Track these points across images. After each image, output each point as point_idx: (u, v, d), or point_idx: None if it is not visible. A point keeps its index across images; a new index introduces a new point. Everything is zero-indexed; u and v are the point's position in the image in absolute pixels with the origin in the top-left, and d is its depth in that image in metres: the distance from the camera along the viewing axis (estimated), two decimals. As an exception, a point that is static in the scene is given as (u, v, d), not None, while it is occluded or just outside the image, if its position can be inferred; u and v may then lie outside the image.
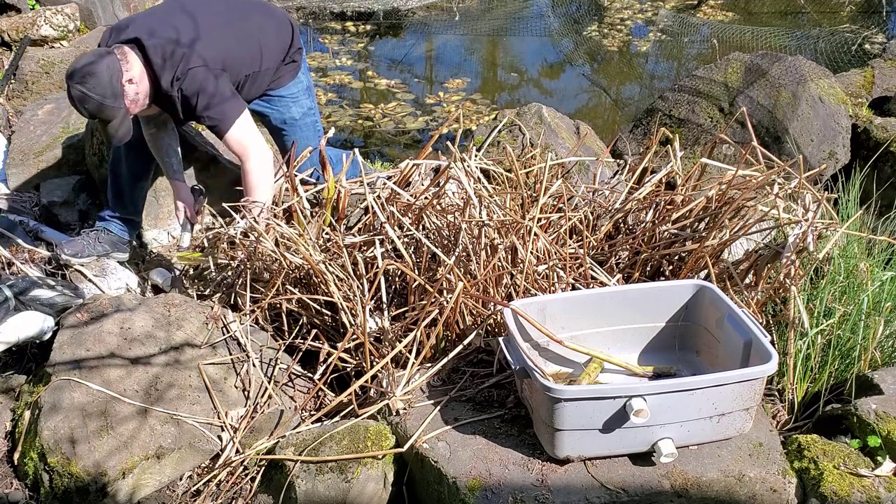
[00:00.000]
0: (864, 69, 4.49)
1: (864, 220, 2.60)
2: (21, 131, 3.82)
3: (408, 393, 2.06)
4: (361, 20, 7.07)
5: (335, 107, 5.40)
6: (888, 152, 3.50)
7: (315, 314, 2.43)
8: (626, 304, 2.07)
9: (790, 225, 2.27)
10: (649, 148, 2.81)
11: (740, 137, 3.47)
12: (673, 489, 1.74)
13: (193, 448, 2.09)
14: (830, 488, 1.74)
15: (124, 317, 2.33)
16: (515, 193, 2.61)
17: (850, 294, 2.16)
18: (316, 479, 1.91)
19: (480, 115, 5.19)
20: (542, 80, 6.40)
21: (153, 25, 2.53)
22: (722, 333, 1.94)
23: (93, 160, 3.37)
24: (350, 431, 2.01)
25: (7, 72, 4.60)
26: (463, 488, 1.77)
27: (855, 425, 1.91)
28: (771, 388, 2.07)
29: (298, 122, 2.91)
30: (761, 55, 3.94)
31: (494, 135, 3.27)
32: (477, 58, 6.77)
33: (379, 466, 1.94)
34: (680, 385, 1.74)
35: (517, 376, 1.83)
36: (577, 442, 1.76)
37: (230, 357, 2.31)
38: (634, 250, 2.42)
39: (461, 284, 2.10)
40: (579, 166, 3.18)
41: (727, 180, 2.45)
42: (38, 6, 5.45)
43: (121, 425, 2.05)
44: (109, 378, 2.15)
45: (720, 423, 1.78)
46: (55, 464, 2.00)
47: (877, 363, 2.09)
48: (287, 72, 2.84)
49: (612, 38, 6.66)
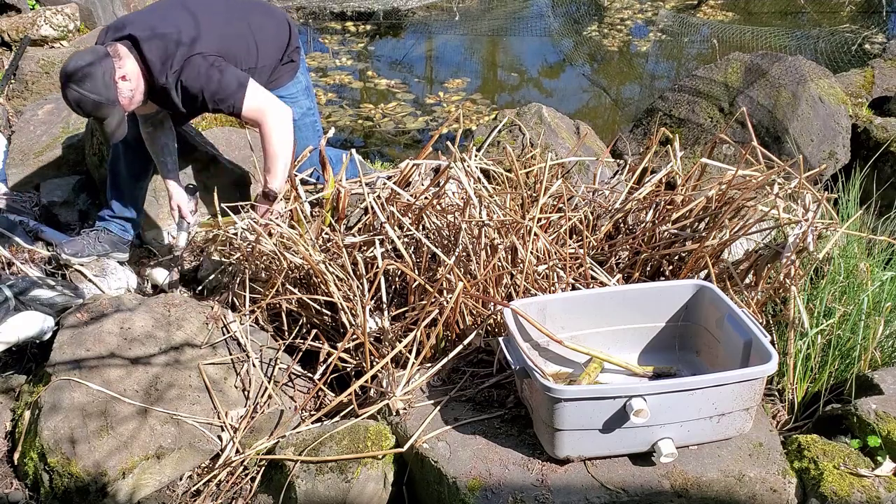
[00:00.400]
0: (864, 69, 4.49)
1: (864, 220, 2.60)
2: (21, 131, 3.82)
3: (408, 393, 2.06)
4: (361, 20, 7.07)
5: (335, 107, 5.40)
6: (888, 152, 3.50)
7: (315, 314, 2.43)
8: (626, 304, 2.07)
9: (790, 225, 2.27)
10: (649, 148, 2.81)
11: (740, 137, 3.47)
12: (673, 489, 1.74)
13: (193, 448, 2.09)
14: (830, 488, 1.74)
15: (124, 317, 2.33)
16: (515, 193, 2.61)
17: (850, 294, 2.16)
18: (316, 479, 1.91)
19: (480, 115, 5.19)
20: (542, 80, 6.40)
21: (151, 22, 2.52)
22: (722, 333, 1.94)
23: (93, 160, 3.37)
24: (350, 431, 2.01)
25: (7, 72, 4.60)
26: (463, 488, 1.77)
27: (855, 425, 1.91)
28: (771, 388, 2.07)
29: (297, 122, 2.90)
30: (761, 55, 3.94)
31: (494, 135, 3.27)
32: (477, 58, 6.77)
33: (379, 466, 1.94)
34: (680, 385, 1.74)
35: (517, 376, 1.83)
36: (577, 442, 1.76)
37: (230, 357, 2.31)
38: (634, 250, 2.42)
39: (461, 284, 2.10)
40: (579, 166, 3.18)
41: (727, 180, 2.45)
42: (38, 6, 5.45)
43: (121, 425, 2.05)
44: (109, 378, 2.15)
45: (720, 423, 1.78)
46: (55, 464, 2.00)
47: (877, 363, 2.09)
48: (285, 72, 2.83)
49: (612, 38, 6.66)
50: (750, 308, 2.13)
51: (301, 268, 2.45)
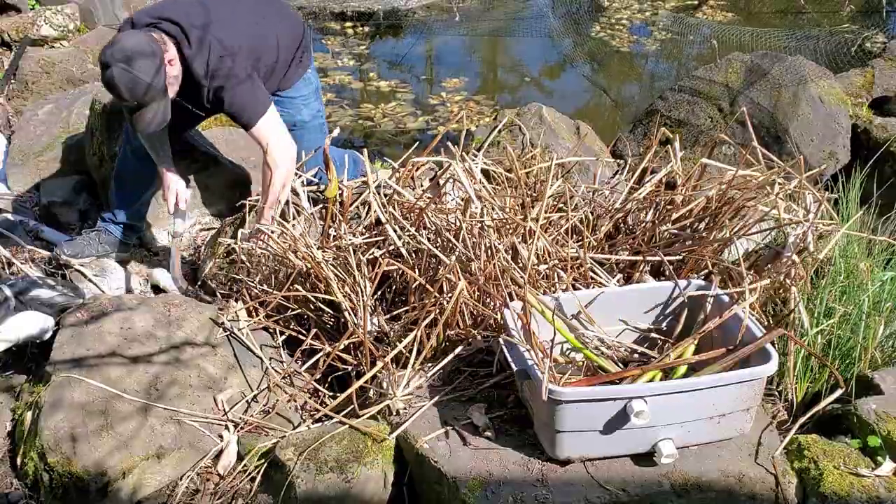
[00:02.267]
0: (864, 69, 4.49)
1: (865, 220, 2.60)
2: (21, 131, 3.82)
3: (408, 393, 2.06)
4: (361, 20, 7.06)
5: (335, 107, 5.40)
6: (888, 152, 3.50)
7: (315, 312, 2.43)
8: (626, 304, 2.07)
9: (790, 225, 2.27)
10: (649, 148, 2.81)
11: (740, 138, 3.47)
12: (673, 489, 1.74)
13: (194, 448, 2.09)
14: (830, 488, 1.74)
15: (125, 316, 2.33)
16: (516, 194, 2.61)
17: (851, 294, 2.15)
18: (316, 479, 1.91)
19: (482, 116, 5.19)
20: (543, 80, 6.40)
21: (184, 11, 2.49)
22: (722, 333, 1.94)
23: (93, 160, 3.37)
24: (350, 431, 2.01)
25: (7, 72, 4.60)
26: (463, 488, 1.77)
27: (855, 425, 1.91)
28: (771, 388, 2.07)
29: (308, 124, 2.90)
30: (762, 55, 3.94)
31: (494, 135, 3.27)
32: (477, 58, 6.77)
33: (379, 466, 1.94)
34: (680, 386, 1.74)
35: (517, 377, 1.83)
36: (577, 443, 1.76)
37: (231, 356, 2.31)
38: (634, 250, 2.42)
39: (461, 284, 2.10)
40: (579, 166, 3.18)
41: (727, 180, 2.45)
42: (38, 6, 5.45)
43: (121, 425, 2.05)
44: (110, 377, 2.15)
45: (720, 424, 1.78)
46: (55, 463, 1.99)
47: (877, 363, 2.09)
48: (296, 72, 2.82)
49: (612, 38, 6.66)
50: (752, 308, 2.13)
51: (302, 268, 2.45)
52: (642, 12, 7.29)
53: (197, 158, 3.19)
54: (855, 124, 3.83)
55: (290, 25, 2.77)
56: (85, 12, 5.51)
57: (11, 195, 3.42)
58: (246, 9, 2.65)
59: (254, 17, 2.65)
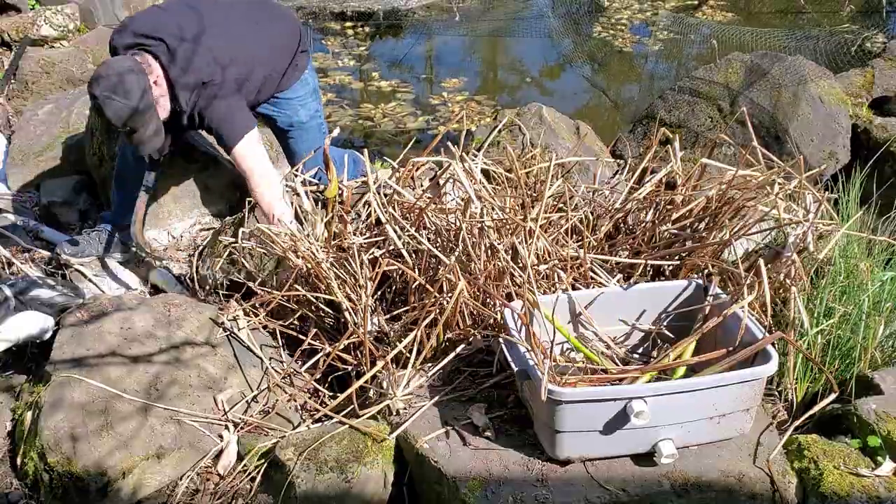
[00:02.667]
0: (864, 69, 4.49)
1: (865, 220, 2.60)
2: (21, 131, 3.82)
3: (408, 393, 2.06)
4: (361, 20, 7.06)
5: (335, 107, 5.40)
6: (888, 152, 3.50)
7: (315, 312, 2.43)
8: (626, 304, 2.07)
9: (790, 225, 2.27)
10: (649, 148, 2.80)
11: (740, 138, 3.47)
12: (673, 489, 1.74)
13: (194, 448, 2.09)
14: (830, 488, 1.74)
15: (125, 316, 2.33)
16: (516, 194, 2.61)
17: (851, 294, 2.15)
18: (316, 479, 1.91)
19: (483, 116, 5.19)
20: (543, 80, 6.39)
21: (175, 23, 2.48)
22: (723, 334, 1.94)
23: (93, 160, 3.37)
24: (350, 431, 2.01)
25: (7, 72, 4.60)
26: (463, 488, 1.77)
27: (855, 425, 1.91)
28: (771, 388, 2.07)
29: (306, 124, 2.90)
30: (761, 55, 3.94)
31: (494, 135, 3.27)
32: (477, 58, 6.77)
33: (379, 466, 1.94)
34: (680, 386, 1.74)
35: (517, 377, 1.83)
36: (577, 443, 1.76)
37: (231, 356, 2.31)
38: (634, 250, 2.42)
39: (461, 284, 2.10)
40: (579, 166, 3.18)
41: (727, 180, 2.45)
42: (38, 6, 5.45)
43: (121, 424, 2.05)
44: (110, 377, 2.15)
45: (720, 424, 1.78)
46: (55, 463, 2.00)
47: (877, 363, 2.09)
48: (293, 74, 2.82)
49: (612, 39, 6.66)
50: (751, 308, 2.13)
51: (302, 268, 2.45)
52: (642, 12, 7.29)
53: (197, 158, 3.19)
54: (855, 124, 3.83)
55: (284, 28, 2.76)
56: (85, 12, 5.51)
57: (11, 195, 3.43)
58: (239, 14, 2.64)
59: (247, 23, 2.64)
